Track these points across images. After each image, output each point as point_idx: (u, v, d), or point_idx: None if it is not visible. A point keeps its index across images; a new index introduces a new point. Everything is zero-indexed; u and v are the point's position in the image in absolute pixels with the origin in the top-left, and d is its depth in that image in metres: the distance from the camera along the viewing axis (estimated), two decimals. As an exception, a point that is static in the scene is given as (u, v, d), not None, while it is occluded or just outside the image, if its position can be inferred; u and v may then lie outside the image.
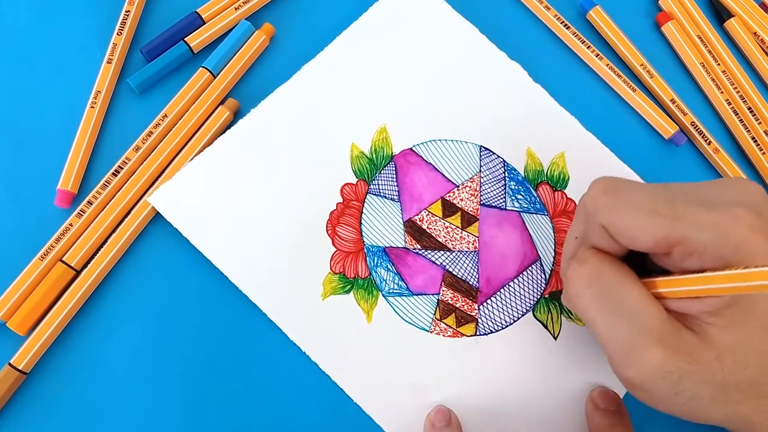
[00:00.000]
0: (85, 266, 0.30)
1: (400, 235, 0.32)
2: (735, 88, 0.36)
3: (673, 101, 0.36)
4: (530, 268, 0.32)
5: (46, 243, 0.30)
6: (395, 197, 0.33)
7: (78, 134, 0.32)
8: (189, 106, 0.33)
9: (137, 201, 0.31)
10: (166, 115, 0.32)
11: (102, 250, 0.30)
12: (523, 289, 0.32)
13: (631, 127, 0.36)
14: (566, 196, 0.33)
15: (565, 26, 0.37)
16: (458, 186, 0.33)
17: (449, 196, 0.33)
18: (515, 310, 0.32)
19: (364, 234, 0.32)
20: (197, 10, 0.34)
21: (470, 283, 0.32)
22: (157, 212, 0.31)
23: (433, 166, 0.33)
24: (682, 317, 0.23)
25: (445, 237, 0.32)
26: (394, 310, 0.31)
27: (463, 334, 0.31)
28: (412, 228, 0.32)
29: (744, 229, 0.21)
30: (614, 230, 0.23)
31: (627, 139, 0.35)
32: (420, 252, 0.32)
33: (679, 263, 0.23)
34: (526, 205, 0.33)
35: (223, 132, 0.33)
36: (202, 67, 0.33)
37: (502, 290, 0.32)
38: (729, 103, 0.36)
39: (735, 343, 0.23)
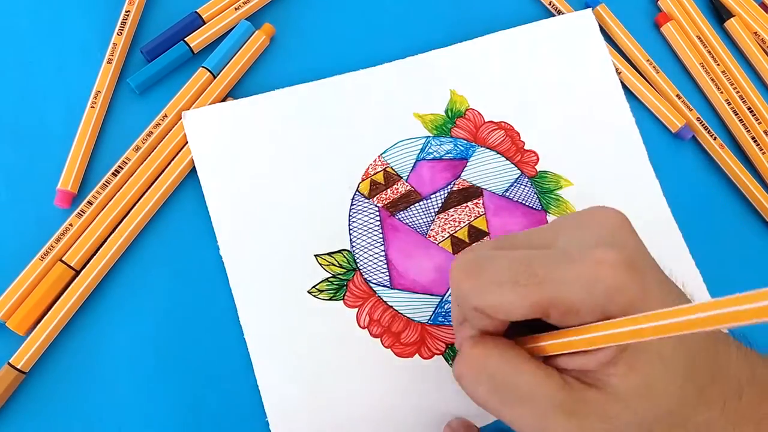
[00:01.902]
0: (84, 266, 0.30)
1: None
2: (735, 89, 0.36)
3: (679, 96, 0.36)
4: None
5: (46, 243, 0.30)
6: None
7: (78, 134, 0.32)
8: (189, 106, 0.33)
9: (137, 201, 0.31)
10: (166, 115, 0.32)
11: (101, 249, 0.30)
12: None
13: (638, 119, 0.36)
14: None
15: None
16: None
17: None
18: None
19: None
20: (197, 10, 0.34)
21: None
22: (157, 212, 0.31)
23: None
24: (583, 374, 0.23)
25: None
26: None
27: None
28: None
29: (608, 273, 0.21)
30: (487, 311, 0.23)
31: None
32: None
33: (561, 323, 0.22)
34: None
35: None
36: (202, 67, 0.33)
37: None
38: (729, 103, 0.36)
39: (640, 385, 0.22)
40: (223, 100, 0.33)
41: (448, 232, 0.32)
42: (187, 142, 0.32)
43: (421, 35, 0.36)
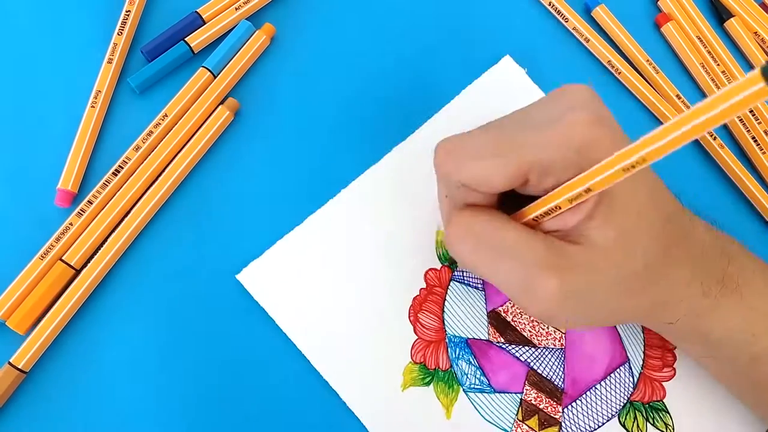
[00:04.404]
0: (84, 265, 0.30)
1: (484, 327, 0.31)
2: (735, 88, 0.36)
3: (678, 96, 0.36)
4: (618, 370, 0.31)
5: (46, 242, 0.30)
6: (479, 286, 0.32)
7: (78, 134, 0.32)
8: (189, 106, 0.33)
9: (137, 201, 0.31)
10: (166, 115, 0.32)
11: (102, 249, 0.30)
12: (610, 393, 0.30)
13: (638, 119, 0.36)
14: None
15: (564, 19, 0.37)
16: None
17: None
18: (600, 415, 0.30)
19: (446, 323, 0.31)
20: (197, 10, 0.34)
21: (555, 383, 0.30)
22: (157, 212, 0.31)
23: None
24: (564, 235, 0.24)
25: (530, 332, 0.31)
26: (475, 407, 0.30)
27: None
28: (496, 320, 0.31)
29: (580, 130, 0.22)
30: (472, 184, 0.24)
31: (633, 131, 0.35)
32: (503, 346, 0.31)
33: (541, 188, 0.23)
34: None
35: (224, 132, 0.33)
36: (203, 66, 0.33)
37: (588, 393, 0.30)
38: (729, 103, 0.36)
39: (616, 235, 0.23)
40: (224, 100, 0.33)
41: None
42: (187, 142, 0.32)
43: (421, 35, 0.36)
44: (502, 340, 0.31)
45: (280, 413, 0.29)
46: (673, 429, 0.30)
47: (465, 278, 0.32)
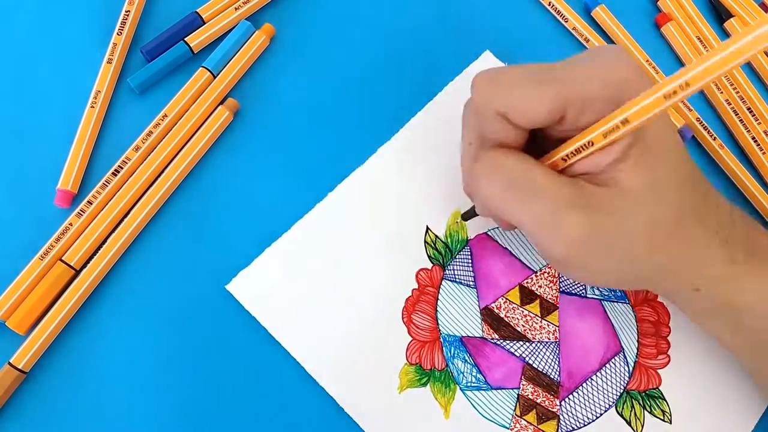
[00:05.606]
0: (84, 266, 0.30)
1: (477, 324, 0.31)
2: (734, 89, 0.36)
3: None
4: (613, 360, 0.31)
5: (46, 242, 0.30)
6: (471, 283, 0.32)
7: (78, 134, 0.32)
8: (189, 106, 0.33)
9: (137, 201, 0.31)
10: (166, 115, 0.32)
11: (102, 249, 0.30)
12: (606, 383, 0.31)
13: None
14: None
15: (564, 19, 0.37)
16: (536, 272, 0.32)
17: (527, 282, 0.32)
18: (598, 406, 0.30)
19: (440, 322, 0.31)
20: (197, 10, 0.34)
21: (551, 376, 0.30)
22: (157, 212, 0.31)
23: (510, 252, 0.32)
24: (593, 178, 0.24)
25: (524, 326, 0.31)
26: (473, 405, 0.30)
27: None
28: (490, 316, 0.31)
29: (623, 68, 0.23)
30: (511, 112, 0.23)
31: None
32: (498, 342, 0.31)
33: (577, 125, 0.23)
34: (607, 293, 0.32)
35: (223, 132, 0.33)
36: (202, 67, 0.33)
37: (584, 384, 0.30)
38: (729, 103, 0.36)
39: (648, 179, 0.23)
40: (223, 100, 0.33)
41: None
42: (187, 142, 0.32)
43: (419, 36, 0.36)
44: (497, 337, 0.31)
45: (277, 422, 0.29)
46: (670, 415, 0.31)
47: (456, 277, 0.32)
